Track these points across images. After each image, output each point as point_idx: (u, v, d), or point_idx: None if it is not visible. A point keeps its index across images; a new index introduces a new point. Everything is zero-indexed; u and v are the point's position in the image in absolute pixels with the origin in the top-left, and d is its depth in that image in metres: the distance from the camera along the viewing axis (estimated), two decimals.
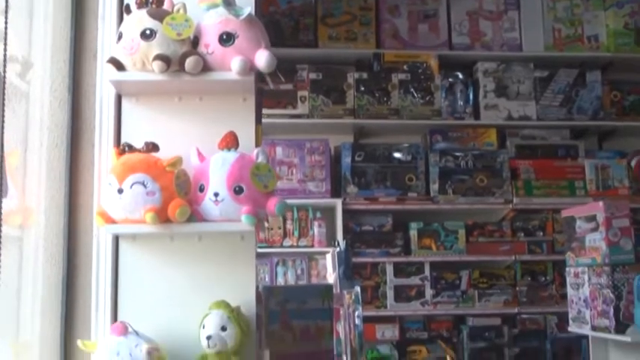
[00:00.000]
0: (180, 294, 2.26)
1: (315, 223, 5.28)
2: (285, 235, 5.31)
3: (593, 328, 3.98)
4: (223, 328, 2.13)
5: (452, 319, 5.44)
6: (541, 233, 5.54)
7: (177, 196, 2.10)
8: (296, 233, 5.30)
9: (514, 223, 5.54)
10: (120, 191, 2.09)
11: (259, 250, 5.04)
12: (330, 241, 5.07)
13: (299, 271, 5.33)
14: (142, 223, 2.09)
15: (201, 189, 2.16)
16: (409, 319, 5.49)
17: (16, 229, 2.19)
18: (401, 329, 5.42)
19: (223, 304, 2.17)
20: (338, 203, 5.26)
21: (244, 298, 2.26)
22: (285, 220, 5.29)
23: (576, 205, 4.41)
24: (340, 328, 3.96)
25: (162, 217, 2.08)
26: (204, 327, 2.14)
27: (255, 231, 2.23)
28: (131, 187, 2.08)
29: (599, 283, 3.91)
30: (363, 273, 5.31)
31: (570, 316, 4.30)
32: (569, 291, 4.30)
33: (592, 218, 4.00)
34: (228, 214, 2.13)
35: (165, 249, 2.28)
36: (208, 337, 2.11)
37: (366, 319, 4.59)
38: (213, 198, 2.13)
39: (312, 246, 5.29)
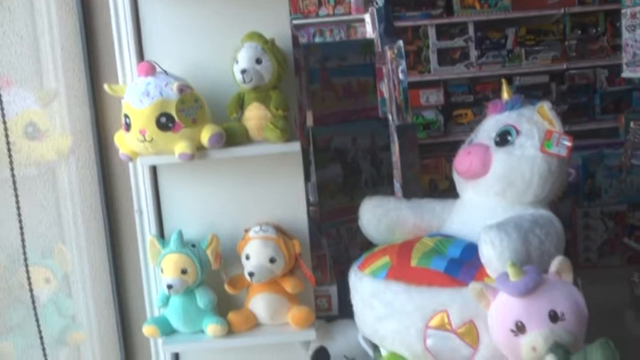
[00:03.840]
0: (208, 29, 2.08)
1: None
2: (320, 4, 5.05)
3: None
4: (258, 61, 1.97)
5: (498, 79, 5.23)
6: None
7: None
8: (332, 1, 5.03)
9: None
10: None
11: (294, 22, 4.82)
12: (368, 5, 4.80)
13: (337, 40, 5.12)
14: None
15: None
16: (453, 83, 5.34)
17: None
18: (445, 93, 5.29)
19: (256, 36, 1.99)
20: None
21: (278, 31, 2.06)
22: None
23: None
24: (384, 87, 3.82)
25: None
26: (237, 62, 1.98)
27: None
28: None
29: None
30: (405, 37, 5.02)
31: (624, 61, 4.05)
32: (624, 34, 4.02)
33: None
34: None
35: None
36: (243, 72, 1.95)
37: (409, 85, 4.43)
38: None
39: (350, 13, 5.05)
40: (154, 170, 2.14)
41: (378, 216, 2.16)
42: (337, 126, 2.96)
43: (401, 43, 3.74)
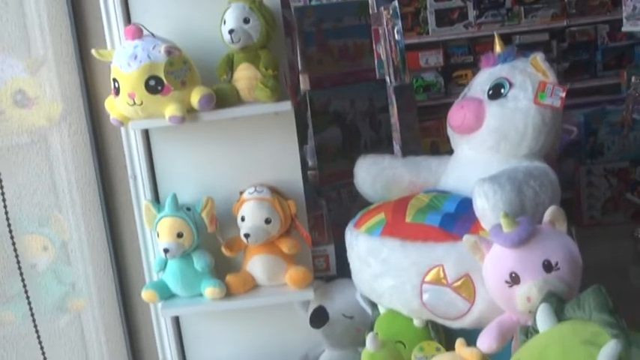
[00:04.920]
0: None
1: None
2: None
3: None
4: (246, 21, 1.94)
5: None
6: None
7: None
8: None
9: None
10: None
11: None
12: None
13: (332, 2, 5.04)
14: None
15: None
16: (453, 44, 5.28)
17: None
18: (445, 55, 5.23)
19: None
20: None
21: None
22: None
23: None
24: (381, 49, 3.78)
25: None
26: (225, 22, 1.96)
27: None
28: None
29: None
30: None
31: (624, 15, 4.00)
32: None
33: None
34: None
35: None
36: (231, 32, 1.93)
37: (408, 47, 4.39)
38: None
39: None
40: (146, 135, 2.13)
41: (373, 175, 2.16)
42: (335, 89, 2.94)
43: (396, 3, 3.69)
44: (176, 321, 2.27)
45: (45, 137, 2.10)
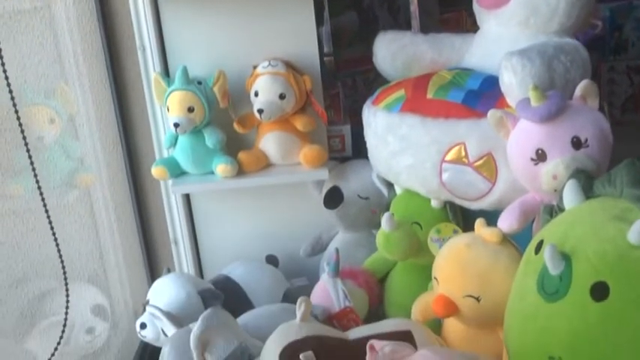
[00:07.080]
0: None
1: None
2: None
3: None
4: None
5: None
6: None
7: None
8: None
9: None
10: None
11: None
12: None
13: None
14: None
15: None
16: None
17: None
18: None
19: None
20: None
21: None
22: None
23: None
24: None
25: None
26: None
27: None
28: None
29: None
30: None
31: None
32: None
33: None
34: None
35: None
36: None
37: None
38: None
39: None
40: (155, 3, 2.03)
41: (393, 51, 2.06)
42: None
43: None
44: (187, 199, 2.23)
45: (48, 4, 1.99)
